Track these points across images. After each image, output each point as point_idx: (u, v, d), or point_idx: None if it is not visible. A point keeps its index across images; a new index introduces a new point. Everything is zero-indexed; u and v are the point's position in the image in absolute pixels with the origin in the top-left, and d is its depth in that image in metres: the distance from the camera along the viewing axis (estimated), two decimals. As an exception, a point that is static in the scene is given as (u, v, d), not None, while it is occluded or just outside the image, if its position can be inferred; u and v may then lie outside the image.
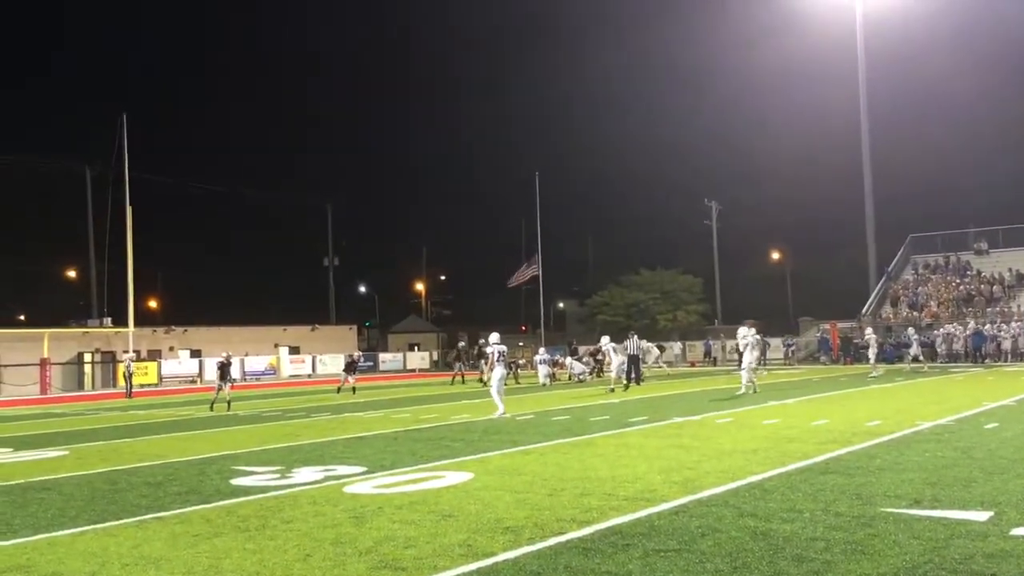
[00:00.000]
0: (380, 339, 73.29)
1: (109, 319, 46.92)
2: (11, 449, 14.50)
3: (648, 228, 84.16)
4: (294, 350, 51.74)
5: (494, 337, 17.73)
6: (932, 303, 46.24)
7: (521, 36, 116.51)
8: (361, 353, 42.28)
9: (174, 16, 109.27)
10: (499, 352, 17.14)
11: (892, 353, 40.62)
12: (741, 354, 22.41)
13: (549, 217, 59.53)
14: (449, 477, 9.46)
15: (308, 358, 50.47)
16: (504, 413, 16.65)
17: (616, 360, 24.83)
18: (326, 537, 6.75)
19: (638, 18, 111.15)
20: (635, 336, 28.58)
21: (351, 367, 29.29)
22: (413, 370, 53.14)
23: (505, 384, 18.31)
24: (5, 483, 10.32)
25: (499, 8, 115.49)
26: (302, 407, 22.54)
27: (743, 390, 21.00)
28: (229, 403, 21.58)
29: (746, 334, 21.58)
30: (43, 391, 38.34)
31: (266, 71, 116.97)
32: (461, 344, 34.28)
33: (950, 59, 73.20)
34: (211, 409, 20.95)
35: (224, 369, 22.19)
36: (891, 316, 46.74)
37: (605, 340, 26.00)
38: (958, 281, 47.59)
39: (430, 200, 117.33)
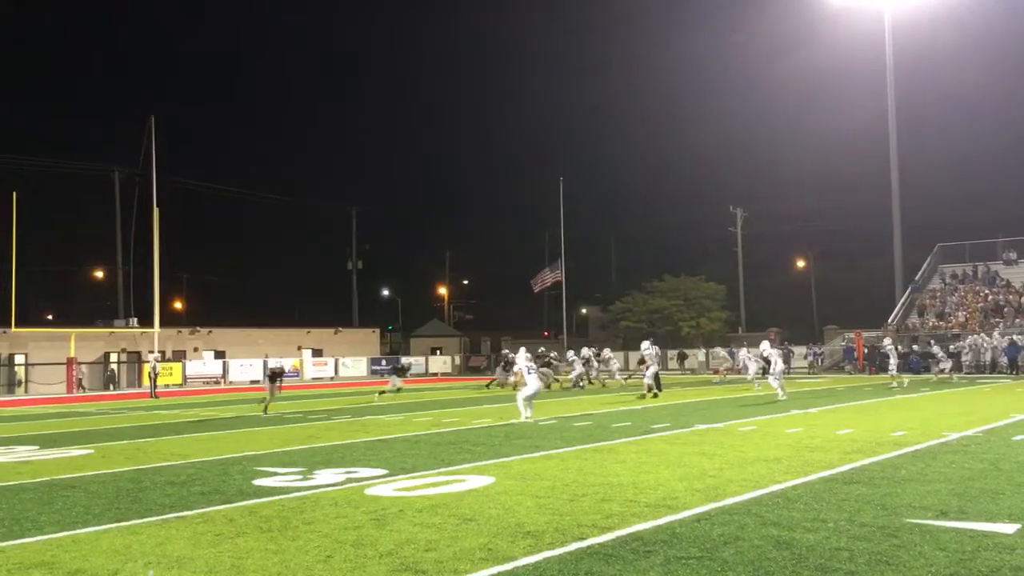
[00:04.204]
0: (402, 343, 73.48)
1: (135, 320, 47.39)
2: (37, 447, 14.66)
3: (672, 235, 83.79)
4: (317, 352, 51.98)
5: (522, 353, 17.89)
6: (960, 313, 45.74)
7: (547, 43, 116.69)
8: (412, 361, 41.21)
9: (205, 18, 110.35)
10: (529, 367, 17.21)
11: (918, 364, 40.22)
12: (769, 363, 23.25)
13: (573, 223, 59.54)
14: (470, 481, 9.45)
15: (331, 360, 50.70)
16: (527, 419, 16.59)
17: (653, 367, 24.62)
18: (347, 539, 6.76)
19: (665, 26, 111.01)
20: (651, 341, 28.46)
21: (401, 371, 28.72)
22: (435, 374, 53.24)
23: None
24: (31, 480, 10.44)
25: (525, 15, 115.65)
26: (324, 409, 22.63)
27: (782, 396, 21.71)
28: (266, 408, 21.37)
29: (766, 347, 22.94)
30: (69, 390, 38.75)
31: (295, 75, 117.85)
32: (505, 351, 33.89)
33: (979, 66, 72.54)
34: (265, 412, 20.82)
35: (276, 377, 22.30)
36: (918, 326, 46.27)
37: (646, 345, 25.64)
38: (986, 291, 47.04)
39: (454, 205, 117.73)
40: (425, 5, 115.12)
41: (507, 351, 29.97)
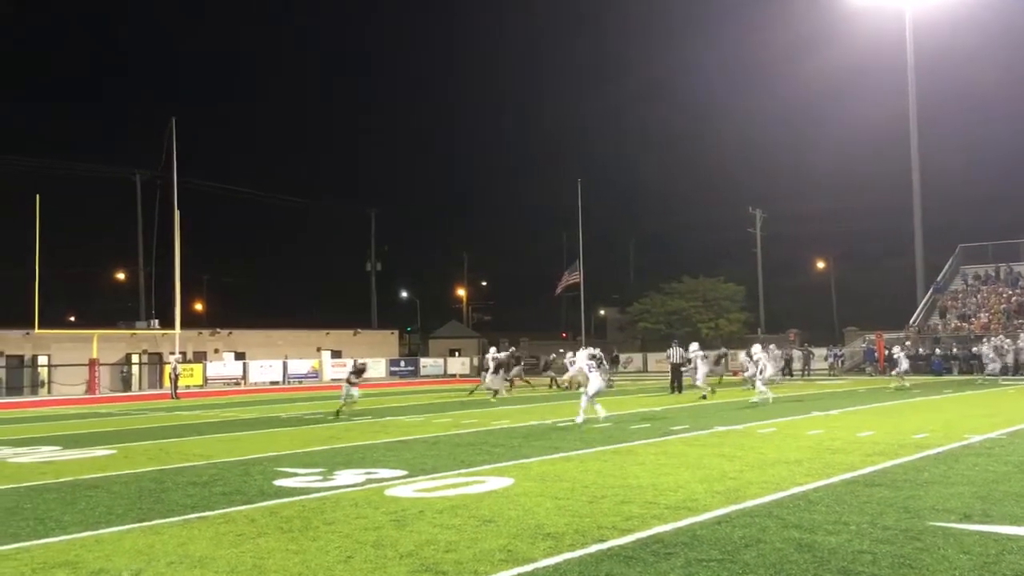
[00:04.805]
0: (421, 344, 73.64)
1: (156, 321, 47.73)
2: (60, 447, 14.79)
3: (690, 235, 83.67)
4: (336, 354, 52.16)
5: (584, 352, 17.82)
6: (982, 314, 45.33)
7: (565, 43, 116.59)
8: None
9: (224, 20, 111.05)
10: (590, 364, 17.19)
11: (940, 365, 39.95)
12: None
13: (590, 224, 59.46)
14: (490, 482, 9.46)
15: (350, 362, 50.78)
16: (600, 418, 16.28)
17: (703, 368, 24.31)
18: (367, 539, 6.78)
19: (684, 26, 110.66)
20: (676, 343, 28.39)
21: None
22: (454, 375, 53.27)
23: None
24: (55, 480, 10.53)
25: (543, 15, 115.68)
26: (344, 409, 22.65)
27: (761, 400, 21.09)
28: (340, 410, 20.35)
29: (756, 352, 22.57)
30: (92, 391, 39.08)
31: (314, 77, 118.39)
32: (491, 351, 33.56)
33: (1001, 66, 71.86)
34: (337, 415, 19.92)
35: (359, 374, 21.35)
36: (940, 327, 45.89)
37: (694, 347, 25.12)
38: (1009, 292, 46.59)
39: (472, 207, 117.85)
40: (440, 5, 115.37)
41: (492, 352, 29.90)
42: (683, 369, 27.05)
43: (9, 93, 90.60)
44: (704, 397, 23.36)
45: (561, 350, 34.91)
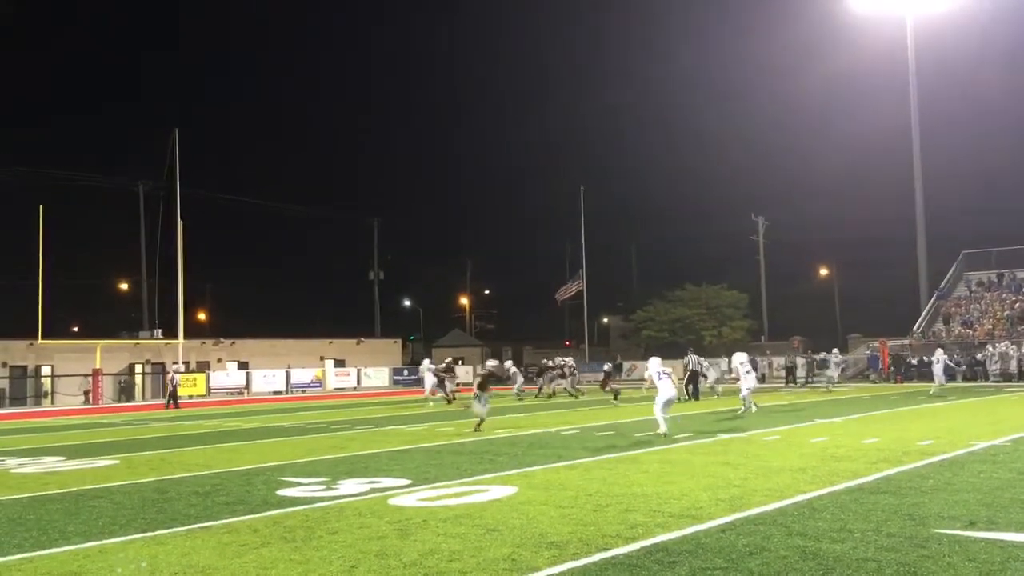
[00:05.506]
0: (424, 353, 73.60)
1: (160, 331, 47.78)
2: (64, 457, 14.79)
3: (694, 244, 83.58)
4: (339, 363, 52.19)
5: (655, 361, 17.46)
6: (986, 321, 45.25)
7: (565, 52, 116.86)
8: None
9: (226, 33, 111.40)
10: (661, 372, 16.82)
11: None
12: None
13: (594, 232, 59.53)
14: (493, 491, 9.44)
15: (353, 371, 50.86)
16: (665, 432, 15.18)
17: (749, 379, 21.41)
18: (371, 549, 6.77)
19: (684, 34, 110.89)
20: (692, 351, 28.56)
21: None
22: (459, 384, 53.17)
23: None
24: (59, 491, 10.53)
25: (543, 24, 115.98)
26: (347, 419, 22.69)
27: (744, 410, 20.33)
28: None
29: (744, 360, 21.41)
30: (95, 401, 39.09)
31: (316, 88, 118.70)
32: (448, 359, 33.31)
33: (1003, 72, 71.88)
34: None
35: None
36: (943, 334, 45.81)
37: (741, 357, 22.37)
38: (1013, 298, 46.53)
39: (475, 215, 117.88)
40: (441, 16, 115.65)
41: (449, 359, 29.79)
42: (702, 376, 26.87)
43: (13, 102, 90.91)
44: (745, 410, 20.82)
45: (556, 359, 34.70)
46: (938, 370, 29.05)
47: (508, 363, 35.03)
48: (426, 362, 30.96)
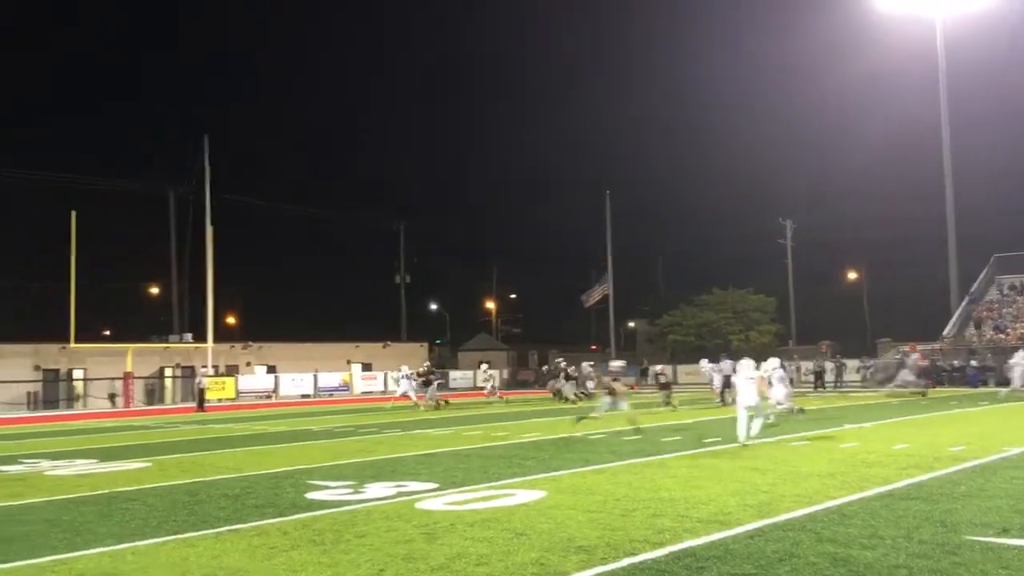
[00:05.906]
0: (450, 357, 73.75)
1: (190, 335, 48.27)
2: (97, 460, 14.98)
3: (720, 247, 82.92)
4: (366, 367, 52.35)
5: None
6: (1018, 325, 44.62)
7: (592, 54, 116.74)
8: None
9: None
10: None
11: (976, 377, 39.36)
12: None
13: (619, 236, 59.34)
14: (521, 495, 9.45)
15: (380, 375, 51.03)
16: (746, 439, 14.37)
17: (780, 389, 19.24)
18: (398, 552, 6.80)
19: (710, 36, 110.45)
20: (725, 356, 28.55)
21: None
22: (482, 388, 53.25)
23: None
24: (92, 493, 10.67)
25: (567, 26, 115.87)
26: (374, 423, 22.79)
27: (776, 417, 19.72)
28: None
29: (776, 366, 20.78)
30: (126, 404, 39.54)
31: (342, 91, 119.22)
32: (426, 364, 33.46)
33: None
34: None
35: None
36: (975, 338, 45.23)
37: (773, 363, 20.11)
38: (1046, 302, 45.87)
39: (501, 219, 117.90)
40: (463, 18, 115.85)
41: (427, 363, 29.89)
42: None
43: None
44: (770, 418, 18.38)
45: (567, 363, 34.78)
46: (1018, 372, 28.77)
47: (585, 364, 36.51)
48: (404, 368, 31.46)
